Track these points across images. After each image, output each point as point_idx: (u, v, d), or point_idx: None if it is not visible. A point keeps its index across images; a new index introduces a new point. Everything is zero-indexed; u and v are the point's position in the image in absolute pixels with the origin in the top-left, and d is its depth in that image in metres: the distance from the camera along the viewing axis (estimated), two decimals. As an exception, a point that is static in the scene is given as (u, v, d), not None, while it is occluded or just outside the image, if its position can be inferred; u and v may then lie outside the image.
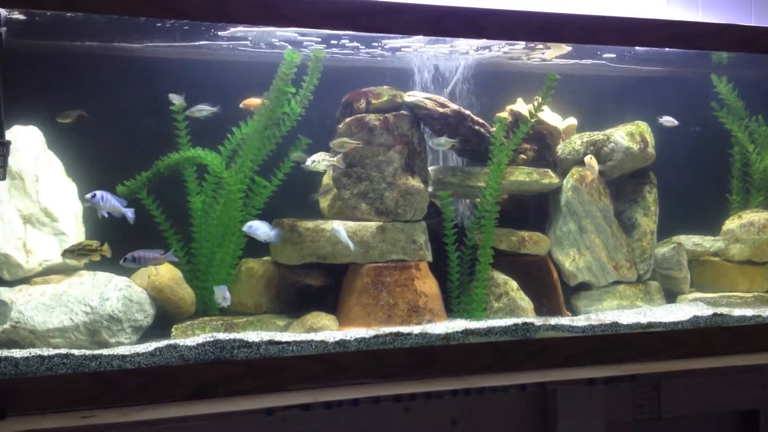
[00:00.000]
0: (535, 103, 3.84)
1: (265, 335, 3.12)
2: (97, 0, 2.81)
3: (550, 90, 3.79)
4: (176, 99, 3.46)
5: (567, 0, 3.95)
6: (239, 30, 3.37)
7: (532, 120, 3.84)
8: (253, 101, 3.57)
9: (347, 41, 3.59)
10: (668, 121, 4.20)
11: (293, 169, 3.67)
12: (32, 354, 2.83)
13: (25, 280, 3.26)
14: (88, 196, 3.20)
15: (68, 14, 2.96)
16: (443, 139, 3.69)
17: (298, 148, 3.67)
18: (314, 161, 3.52)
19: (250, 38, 3.50)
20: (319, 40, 3.52)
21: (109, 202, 3.21)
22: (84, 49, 3.61)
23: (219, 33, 3.42)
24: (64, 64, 3.63)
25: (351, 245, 3.41)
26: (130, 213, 3.25)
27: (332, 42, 3.58)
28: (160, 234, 3.55)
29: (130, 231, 3.52)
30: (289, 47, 3.53)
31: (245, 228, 3.41)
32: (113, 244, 3.49)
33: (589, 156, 3.77)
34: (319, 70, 3.60)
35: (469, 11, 3.26)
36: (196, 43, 3.61)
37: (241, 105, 3.57)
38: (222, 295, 3.33)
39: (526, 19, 3.34)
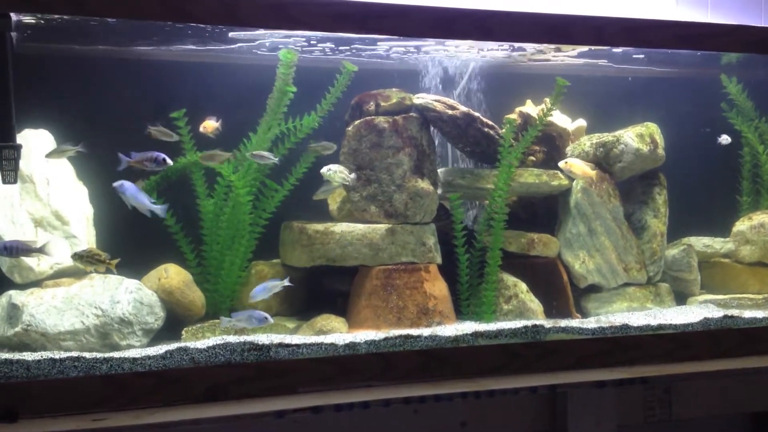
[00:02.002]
0: (545, 107, 3.84)
1: (275, 338, 3.13)
2: (107, 4, 2.82)
3: (559, 96, 3.79)
4: None
5: (577, 2, 3.95)
6: (258, 33, 3.38)
7: (541, 124, 3.83)
8: (210, 125, 3.56)
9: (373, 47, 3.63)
10: (725, 139, 4.27)
11: (303, 172, 3.68)
12: (44, 357, 2.84)
13: (37, 283, 3.27)
14: (116, 184, 3.20)
15: (79, 18, 2.97)
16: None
17: (310, 155, 3.69)
18: (330, 170, 3.52)
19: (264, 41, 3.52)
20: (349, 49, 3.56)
21: (135, 196, 3.21)
22: (95, 53, 3.63)
23: (235, 36, 3.43)
24: (75, 68, 3.64)
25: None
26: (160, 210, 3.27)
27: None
28: (171, 237, 3.56)
29: (141, 235, 3.54)
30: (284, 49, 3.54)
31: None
32: (125, 247, 3.52)
33: (564, 162, 3.74)
34: (346, 84, 3.62)
35: (478, 13, 3.26)
36: (211, 47, 3.63)
37: (200, 129, 3.55)
38: (258, 317, 3.22)
39: (535, 21, 3.34)
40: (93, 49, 3.58)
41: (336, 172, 3.52)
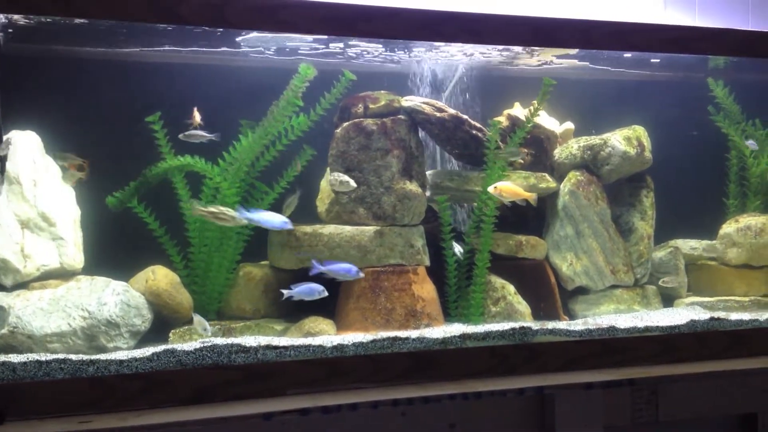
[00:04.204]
0: (532, 108, 3.85)
1: (262, 340, 3.12)
2: (96, 6, 2.81)
3: (546, 95, 3.80)
4: None
5: (566, 5, 3.96)
6: (249, 37, 3.38)
7: (529, 126, 3.84)
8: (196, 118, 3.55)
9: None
10: (752, 144, 4.35)
11: (294, 175, 3.69)
12: (30, 359, 2.83)
13: (23, 285, 3.26)
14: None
15: (66, 20, 2.96)
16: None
17: (303, 158, 3.69)
18: (341, 182, 3.58)
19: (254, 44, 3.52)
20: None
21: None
22: (82, 54, 3.62)
23: (222, 38, 3.43)
24: (62, 69, 3.63)
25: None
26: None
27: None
28: (159, 239, 3.56)
29: (128, 236, 3.54)
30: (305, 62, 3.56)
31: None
32: (113, 249, 3.51)
33: (493, 187, 3.72)
34: (341, 92, 3.63)
35: (466, 16, 3.26)
36: (215, 49, 3.63)
37: (196, 121, 3.55)
38: (203, 325, 3.27)
39: (523, 24, 3.35)
40: (81, 50, 3.57)
41: (345, 182, 3.55)
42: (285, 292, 3.33)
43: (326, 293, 3.32)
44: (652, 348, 3.39)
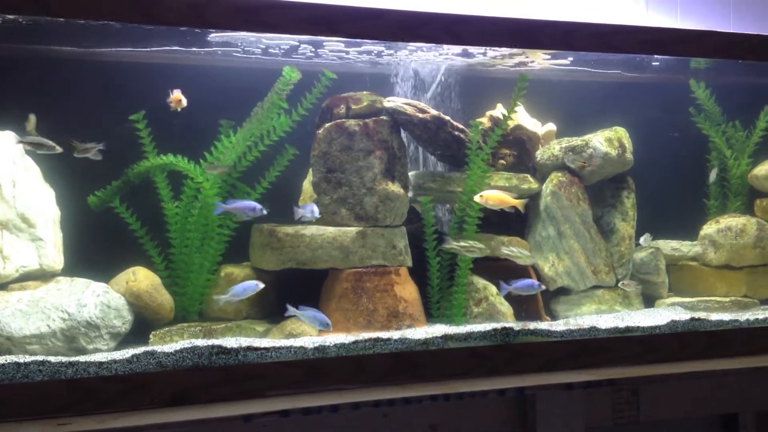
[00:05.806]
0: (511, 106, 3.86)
1: (243, 341, 3.11)
2: (74, 5, 2.79)
3: (521, 92, 3.81)
4: None
5: (550, 6, 3.98)
6: (229, 36, 3.37)
7: (507, 122, 3.85)
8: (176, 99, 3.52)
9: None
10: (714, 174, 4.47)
11: (276, 176, 3.68)
12: (8, 361, 2.80)
13: (2, 286, 3.24)
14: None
15: (44, 19, 2.93)
16: None
17: (285, 158, 3.69)
18: (512, 251, 3.73)
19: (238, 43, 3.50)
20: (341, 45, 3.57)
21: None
22: (61, 54, 3.59)
23: (207, 38, 3.42)
24: (41, 69, 3.61)
25: None
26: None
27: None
28: (139, 239, 3.54)
29: (109, 237, 3.52)
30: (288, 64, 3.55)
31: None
32: (93, 250, 3.49)
33: (479, 195, 3.72)
34: (322, 91, 3.62)
35: (447, 17, 3.26)
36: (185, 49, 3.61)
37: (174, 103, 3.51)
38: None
39: (504, 26, 3.35)
40: (60, 50, 3.54)
41: (518, 254, 3.69)
42: (290, 309, 3.26)
43: (330, 328, 3.28)
44: (633, 348, 3.40)
